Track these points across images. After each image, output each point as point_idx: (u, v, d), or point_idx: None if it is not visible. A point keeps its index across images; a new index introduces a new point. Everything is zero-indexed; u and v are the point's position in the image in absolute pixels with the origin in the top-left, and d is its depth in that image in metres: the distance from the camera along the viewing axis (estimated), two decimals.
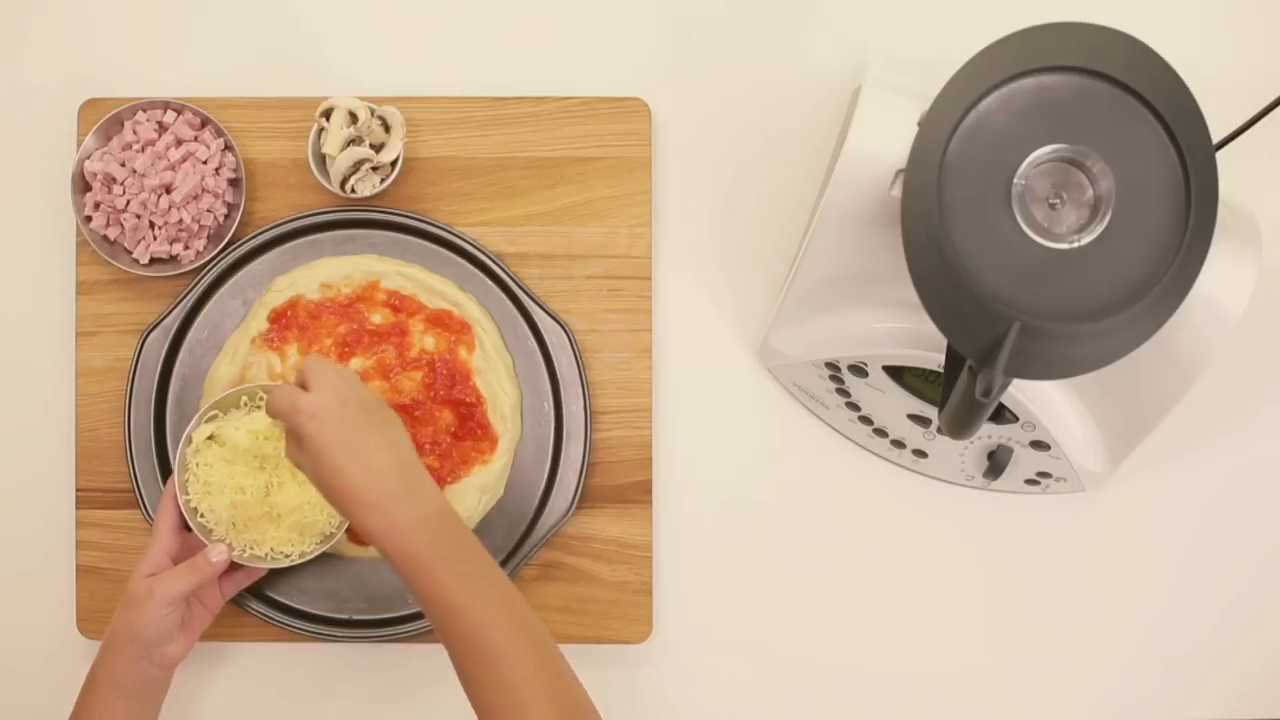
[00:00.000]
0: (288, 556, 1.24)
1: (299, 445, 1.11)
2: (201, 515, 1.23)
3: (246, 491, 1.22)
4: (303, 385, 1.12)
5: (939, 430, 1.24)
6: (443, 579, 1.07)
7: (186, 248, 1.30)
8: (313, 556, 1.24)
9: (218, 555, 1.20)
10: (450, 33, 1.35)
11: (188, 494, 1.23)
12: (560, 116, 1.33)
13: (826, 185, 1.11)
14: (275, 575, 1.30)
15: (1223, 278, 1.03)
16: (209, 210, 1.29)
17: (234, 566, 1.24)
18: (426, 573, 1.07)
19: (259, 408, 1.25)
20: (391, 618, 1.30)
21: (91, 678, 1.19)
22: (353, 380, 1.13)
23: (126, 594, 1.19)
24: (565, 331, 1.31)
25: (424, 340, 1.30)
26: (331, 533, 1.24)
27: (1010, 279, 0.95)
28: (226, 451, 1.23)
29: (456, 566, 1.08)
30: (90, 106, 1.32)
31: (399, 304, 1.30)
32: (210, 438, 1.24)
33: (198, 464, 1.23)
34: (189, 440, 1.24)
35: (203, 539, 1.22)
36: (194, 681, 1.33)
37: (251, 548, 1.23)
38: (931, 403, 1.22)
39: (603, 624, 1.31)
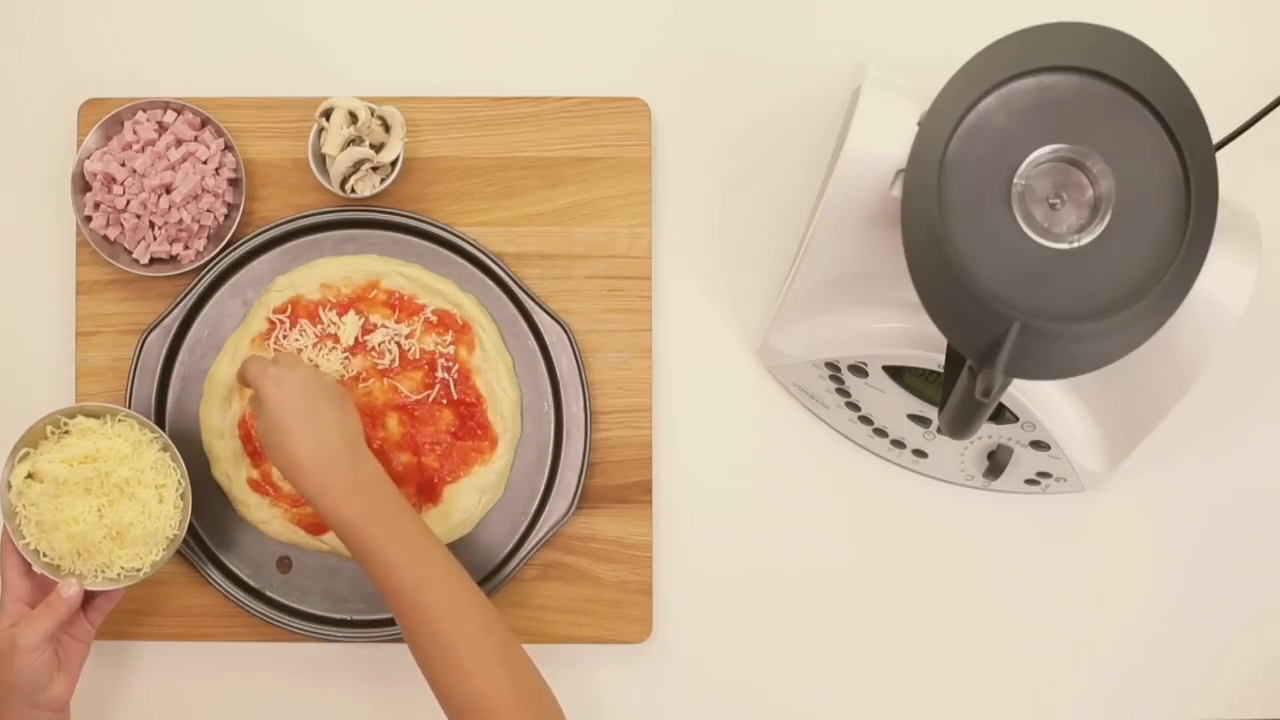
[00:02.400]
0: (140, 570, 1.22)
1: (259, 408, 1.17)
2: (44, 555, 1.21)
3: (80, 521, 1.20)
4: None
5: (939, 430, 1.24)
6: (379, 536, 1.14)
7: (186, 248, 1.30)
8: (165, 562, 1.22)
9: (69, 590, 1.18)
10: (450, 33, 1.35)
11: (24, 537, 1.21)
12: (560, 116, 1.33)
13: (826, 185, 1.11)
14: (274, 575, 1.30)
15: (1223, 278, 1.03)
16: (209, 210, 1.29)
17: (93, 593, 1.22)
18: (365, 532, 1.14)
19: (67, 434, 1.22)
20: (390, 618, 1.30)
21: None
22: (321, 371, 1.23)
23: None
24: (565, 331, 1.31)
25: (424, 340, 1.30)
26: (175, 534, 1.23)
27: (1010, 279, 0.95)
28: (49, 486, 1.21)
29: (391, 526, 1.15)
30: (90, 106, 1.32)
31: (399, 304, 1.30)
32: (29, 476, 1.21)
33: (24, 505, 1.21)
34: (8, 485, 1.21)
35: (52, 577, 1.20)
36: (194, 681, 1.33)
37: (103, 571, 1.21)
38: (931, 403, 1.22)
39: (603, 624, 1.31)
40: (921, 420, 1.24)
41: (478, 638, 1.13)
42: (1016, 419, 1.19)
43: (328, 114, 1.29)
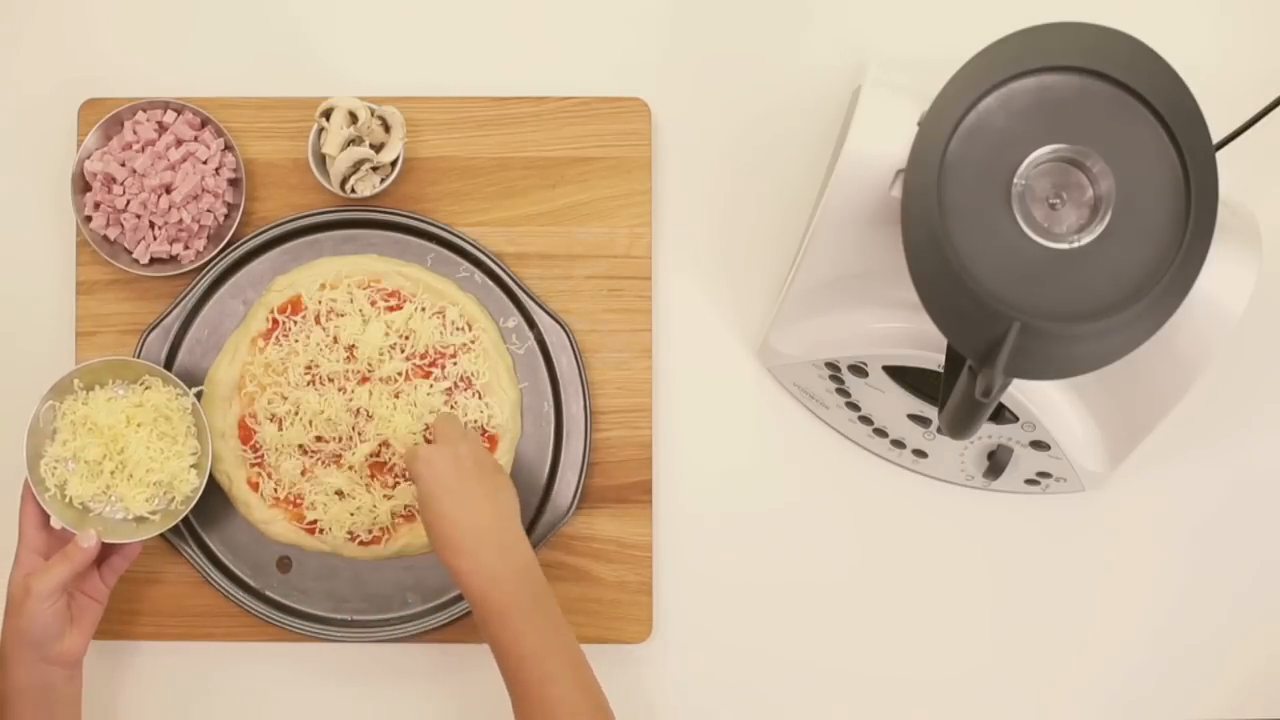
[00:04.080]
0: (154, 515, 1.24)
1: (416, 487, 1.18)
2: (66, 497, 1.23)
3: (113, 429, 1.23)
4: (430, 439, 1.21)
5: (939, 430, 1.24)
6: (518, 628, 1.13)
7: (186, 248, 1.30)
8: (176, 519, 1.25)
9: (87, 540, 1.20)
10: (450, 33, 1.35)
11: (46, 487, 1.23)
12: (560, 116, 1.33)
13: (826, 185, 1.11)
14: (274, 575, 1.30)
15: (1223, 278, 1.03)
16: (209, 210, 1.30)
17: (109, 551, 1.24)
18: (503, 620, 1.13)
19: (89, 390, 1.26)
20: (390, 618, 1.30)
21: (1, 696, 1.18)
22: (474, 440, 1.21)
23: (7, 600, 1.19)
24: (565, 331, 1.31)
25: (424, 340, 1.29)
26: (190, 494, 1.25)
27: (1010, 279, 0.95)
28: (68, 431, 1.24)
29: (533, 620, 1.14)
30: (90, 106, 1.32)
31: (399, 304, 1.30)
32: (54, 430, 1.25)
33: (62, 415, 1.24)
34: (38, 421, 1.24)
35: (71, 529, 1.21)
36: (194, 681, 1.33)
37: (123, 506, 1.24)
38: (931, 403, 1.22)
39: (603, 624, 1.31)
40: (921, 420, 1.24)
41: None
42: (1016, 419, 1.19)
43: (328, 114, 1.29)
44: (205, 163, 1.29)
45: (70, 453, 1.24)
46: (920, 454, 1.29)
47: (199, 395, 1.28)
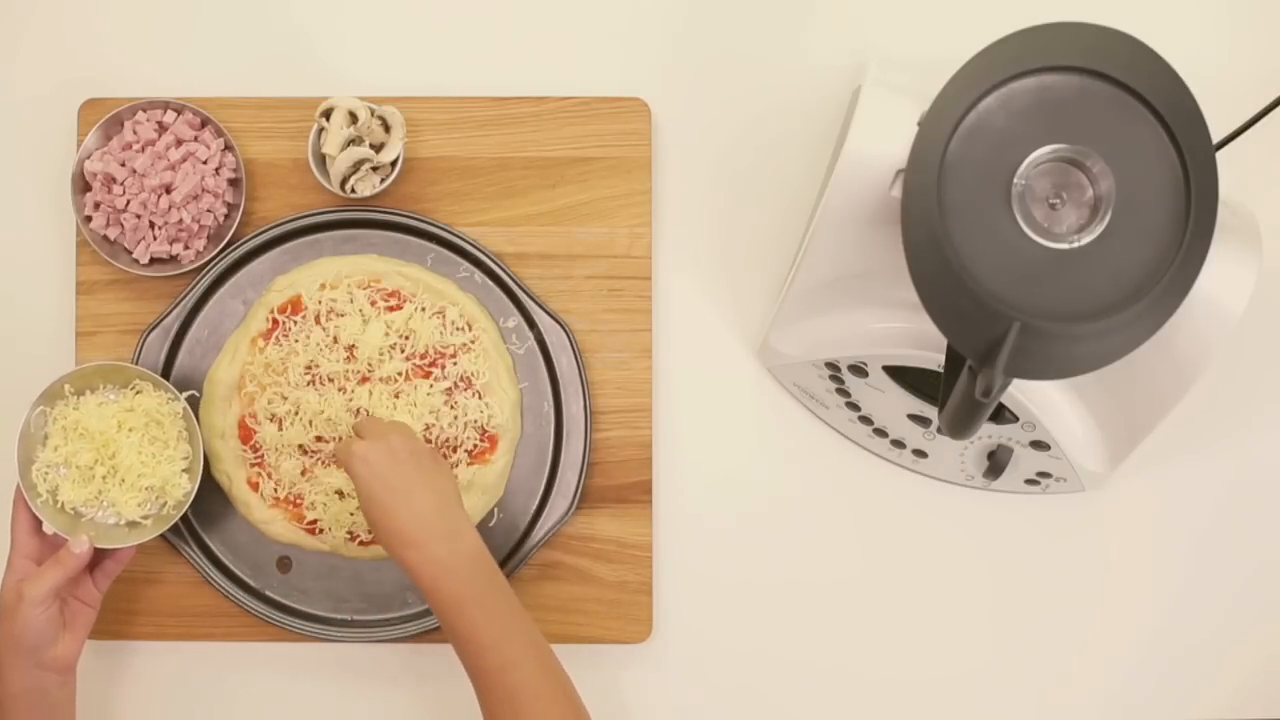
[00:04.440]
0: (146, 520, 1.24)
1: (356, 489, 1.17)
2: (58, 502, 1.23)
3: (104, 434, 1.23)
4: (359, 435, 1.19)
5: (939, 430, 1.24)
6: (473, 616, 1.13)
7: (186, 248, 1.30)
8: (165, 527, 1.24)
9: (79, 546, 1.20)
10: (450, 33, 1.35)
11: (38, 493, 1.23)
12: (560, 116, 1.33)
13: (826, 185, 1.11)
14: (274, 575, 1.30)
15: (1223, 278, 1.03)
16: (209, 210, 1.30)
17: (101, 555, 1.24)
18: (458, 609, 1.13)
19: (79, 395, 1.25)
20: (391, 618, 1.30)
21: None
22: (404, 431, 1.20)
23: (1, 603, 1.18)
24: (565, 331, 1.31)
25: (424, 340, 1.29)
26: (182, 499, 1.25)
27: (1010, 279, 0.95)
28: (59, 437, 1.24)
29: (487, 605, 1.13)
30: (90, 106, 1.32)
31: (399, 304, 1.30)
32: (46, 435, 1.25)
33: (52, 420, 1.24)
34: (30, 437, 1.24)
35: (63, 534, 1.21)
36: (194, 681, 1.33)
37: (115, 511, 1.24)
38: (931, 403, 1.22)
39: (603, 624, 1.31)
40: (921, 420, 1.24)
41: (559, 718, 1.13)
42: (1016, 419, 1.19)
43: (328, 114, 1.29)
44: (205, 163, 1.29)
45: (62, 458, 1.24)
46: (920, 454, 1.29)
47: (191, 400, 1.28)
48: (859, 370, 1.22)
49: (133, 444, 1.24)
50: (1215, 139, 0.97)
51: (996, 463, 1.25)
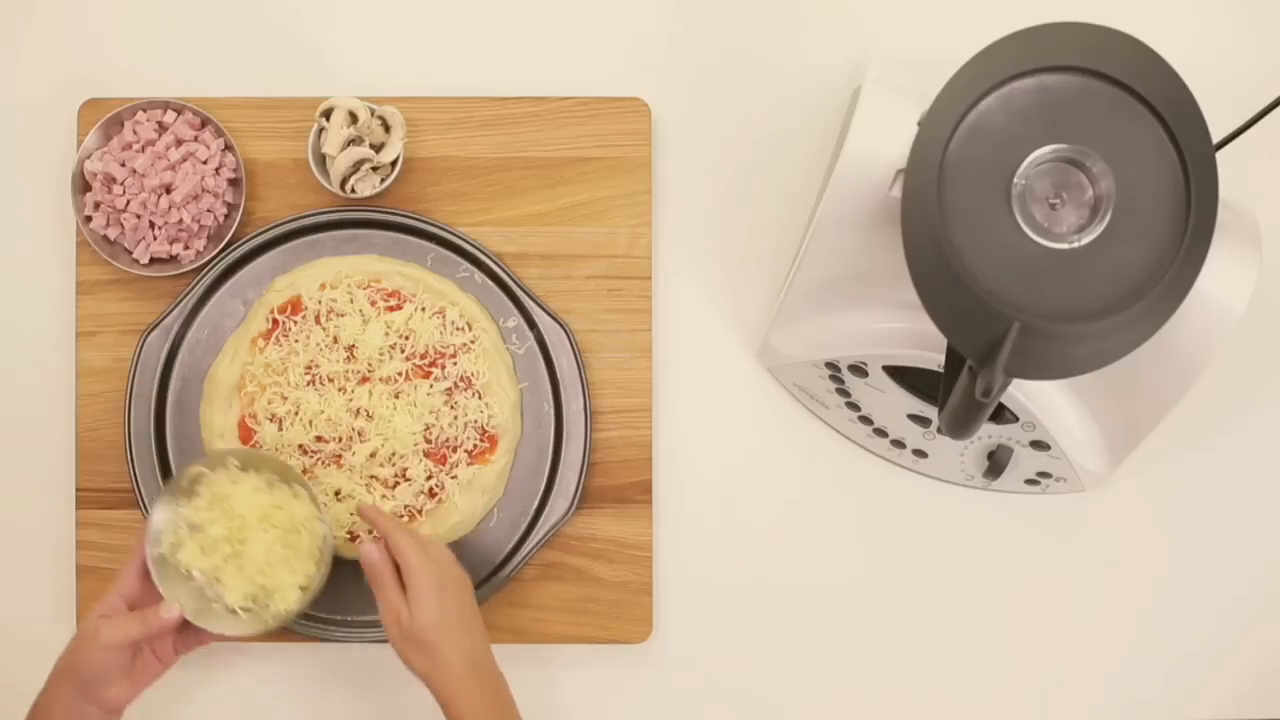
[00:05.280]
0: (244, 613, 1.21)
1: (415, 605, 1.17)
2: (176, 558, 1.20)
3: (223, 541, 1.20)
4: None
5: (939, 430, 1.24)
6: None
7: (186, 248, 1.30)
8: (263, 631, 1.21)
9: (168, 611, 1.17)
10: (450, 33, 1.35)
11: (160, 543, 1.20)
12: (560, 116, 1.33)
13: (826, 185, 1.11)
14: None
15: (1223, 278, 1.03)
16: (209, 210, 1.30)
17: (190, 626, 1.20)
18: (460, 715, 1.15)
19: (245, 471, 1.22)
20: None
21: (33, 708, 1.17)
22: (457, 583, 1.19)
23: (77, 633, 1.17)
24: (565, 331, 1.31)
25: (424, 340, 1.29)
26: (284, 613, 1.21)
27: (1010, 279, 0.95)
28: (206, 501, 1.22)
29: (485, 715, 1.15)
30: (90, 106, 1.32)
31: (399, 304, 1.30)
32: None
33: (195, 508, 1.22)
34: (178, 488, 1.22)
35: (162, 592, 1.19)
36: (194, 681, 1.33)
37: (220, 590, 1.21)
38: (931, 403, 1.22)
39: (603, 624, 1.31)
40: (921, 420, 1.24)
41: None
42: (1016, 419, 1.19)
43: (328, 114, 1.29)
44: (205, 163, 1.29)
45: (199, 521, 1.21)
46: (920, 454, 1.29)
47: (326, 526, 1.24)
48: (859, 370, 1.22)
49: (266, 541, 1.21)
50: (1215, 139, 0.97)
51: (996, 463, 1.25)
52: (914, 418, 1.24)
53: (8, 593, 1.34)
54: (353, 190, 1.30)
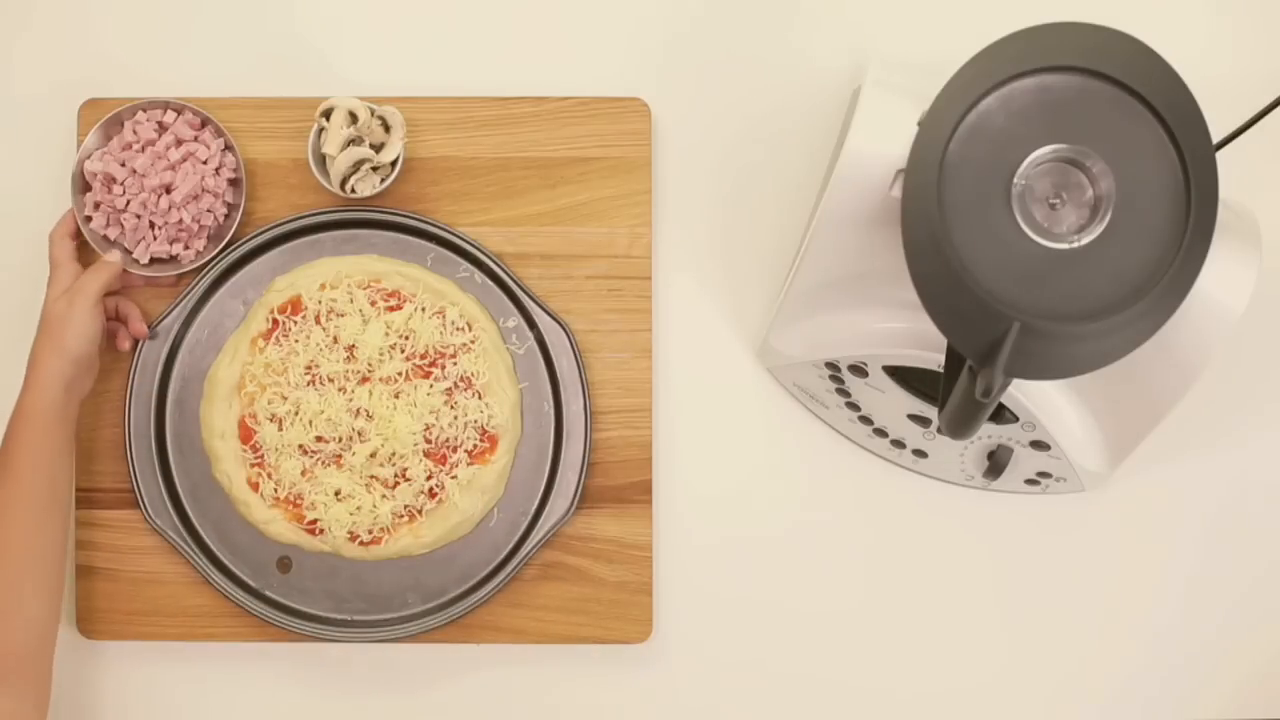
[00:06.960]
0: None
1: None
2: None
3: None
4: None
5: (939, 430, 1.24)
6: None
7: (186, 248, 1.30)
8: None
9: (112, 256, 1.27)
10: (450, 33, 1.35)
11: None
12: (560, 116, 1.33)
13: (826, 185, 1.11)
14: (274, 575, 1.30)
15: (1223, 278, 1.03)
16: (209, 210, 1.30)
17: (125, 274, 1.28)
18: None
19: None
20: (391, 618, 1.30)
21: (21, 412, 1.22)
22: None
23: (45, 320, 1.24)
24: (565, 331, 1.31)
25: (424, 340, 1.29)
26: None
27: (1010, 279, 0.95)
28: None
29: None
30: (90, 106, 1.32)
31: (399, 304, 1.30)
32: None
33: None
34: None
35: (98, 249, 1.27)
36: (194, 681, 1.33)
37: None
38: (931, 403, 1.22)
39: (603, 624, 1.31)
40: (921, 420, 1.24)
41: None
42: (1016, 419, 1.19)
43: (328, 114, 1.29)
44: (205, 163, 1.29)
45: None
46: (920, 454, 1.29)
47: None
48: (859, 370, 1.22)
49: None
50: (1215, 139, 0.97)
51: (996, 463, 1.25)
52: (914, 418, 1.24)
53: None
54: (353, 190, 1.30)
